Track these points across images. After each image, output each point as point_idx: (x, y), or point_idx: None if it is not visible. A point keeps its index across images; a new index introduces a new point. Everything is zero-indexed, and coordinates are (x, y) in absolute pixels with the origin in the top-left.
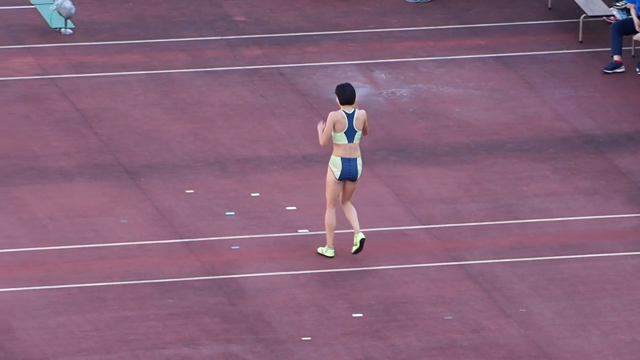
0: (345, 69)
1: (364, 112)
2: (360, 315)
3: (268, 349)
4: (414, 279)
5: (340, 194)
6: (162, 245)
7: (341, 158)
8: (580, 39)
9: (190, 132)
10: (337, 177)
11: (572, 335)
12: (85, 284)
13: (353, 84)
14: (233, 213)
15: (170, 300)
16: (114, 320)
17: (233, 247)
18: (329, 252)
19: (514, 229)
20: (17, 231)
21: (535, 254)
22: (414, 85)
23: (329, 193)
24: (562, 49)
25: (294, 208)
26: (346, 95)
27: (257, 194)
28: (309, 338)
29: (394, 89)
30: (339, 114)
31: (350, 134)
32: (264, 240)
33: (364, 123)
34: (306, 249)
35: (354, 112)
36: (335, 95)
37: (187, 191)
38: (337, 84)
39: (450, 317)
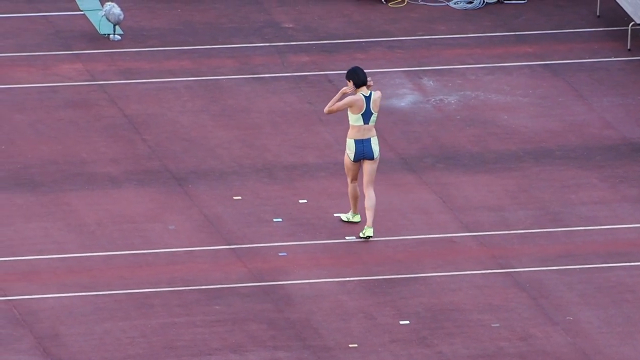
0: (393, 75)
1: (379, 93)
2: (407, 322)
3: (315, 356)
4: (461, 287)
5: (361, 176)
6: (209, 251)
7: (354, 140)
8: (628, 47)
9: (237, 138)
10: (352, 159)
11: (620, 343)
12: (132, 290)
13: (401, 91)
14: (280, 220)
15: (217, 307)
16: (161, 327)
17: (280, 254)
18: (356, 218)
19: (561, 236)
20: (65, 237)
21: (582, 261)
22: (462, 93)
23: (347, 173)
24: (610, 57)
25: (342, 214)
26: (360, 77)
27: (305, 201)
28: (356, 345)
29: (442, 96)
30: (358, 97)
31: (367, 115)
32: (311, 247)
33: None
34: (353, 256)
35: (370, 94)
36: (347, 80)
37: (235, 198)
38: (348, 69)
39: (497, 325)
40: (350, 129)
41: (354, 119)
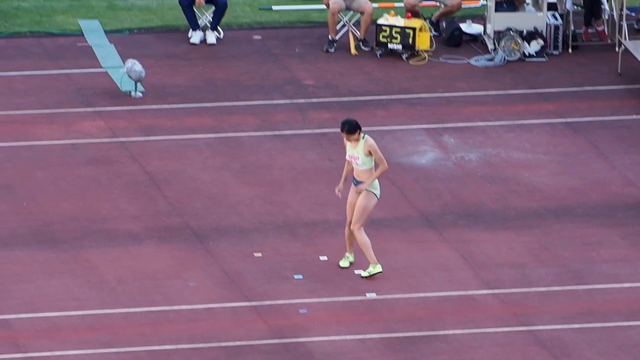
0: (414, 133)
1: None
2: None
3: None
4: (483, 344)
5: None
6: (230, 308)
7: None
8: None
9: (258, 195)
10: (379, 197)
11: None
12: (152, 347)
13: (422, 148)
14: (301, 276)
15: None
16: None
17: (301, 311)
18: (378, 268)
19: (582, 294)
20: (86, 293)
21: (604, 319)
22: (483, 150)
23: (367, 215)
24: (631, 115)
25: (362, 272)
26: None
27: (325, 258)
28: None
29: (462, 154)
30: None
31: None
32: (332, 304)
33: None
34: (374, 313)
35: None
36: (359, 130)
37: (255, 254)
38: (344, 121)
39: None
40: (371, 170)
41: (371, 161)
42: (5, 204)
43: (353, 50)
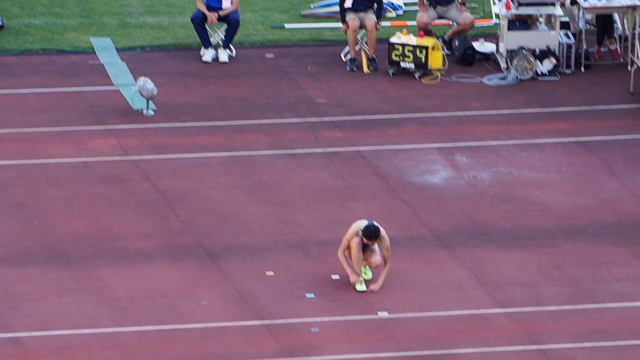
0: (426, 152)
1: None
2: None
3: None
4: None
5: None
6: (242, 327)
7: None
8: None
9: (270, 214)
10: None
11: None
12: None
13: (434, 167)
14: (313, 295)
15: None
16: None
17: (313, 330)
18: (366, 275)
19: (594, 313)
20: (98, 312)
21: (615, 339)
22: (495, 169)
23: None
24: None
25: (374, 290)
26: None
27: (337, 277)
28: None
29: (475, 173)
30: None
31: None
32: (344, 322)
33: None
34: (386, 332)
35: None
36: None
37: (268, 273)
38: (373, 231)
39: None
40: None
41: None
42: (18, 222)
43: (366, 69)
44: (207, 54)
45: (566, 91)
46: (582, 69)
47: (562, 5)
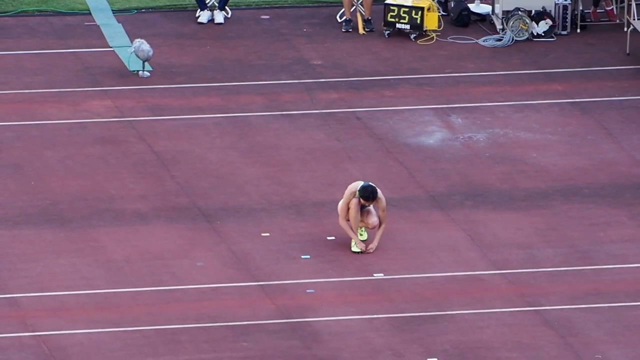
0: (421, 113)
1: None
2: (435, 359)
3: None
4: (490, 324)
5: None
6: (237, 288)
7: None
8: None
9: (266, 175)
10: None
11: None
12: (160, 326)
13: (430, 129)
14: (308, 256)
15: (244, 343)
16: None
17: (308, 291)
18: (362, 236)
19: (590, 274)
20: (94, 273)
21: (611, 300)
22: (491, 130)
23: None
24: None
25: (371, 250)
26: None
27: (333, 238)
28: None
29: (470, 134)
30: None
31: None
32: (339, 284)
33: None
34: (381, 293)
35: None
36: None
37: (263, 234)
38: (370, 192)
39: None
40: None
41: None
42: (14, 183)
43: (361, 30)
44: (203, 16)
45: (562, 52)
46: (578, 30)
47: None
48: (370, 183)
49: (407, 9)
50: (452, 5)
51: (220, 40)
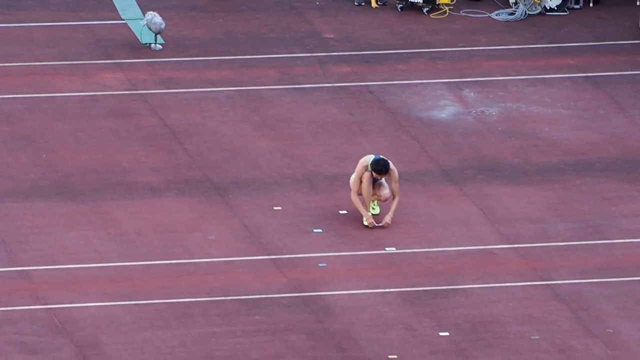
0: (434, 87)
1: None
2: (447, 334)
3: None
4: (501, 298)
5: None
6: (249, 261)
7: None
8: None
9: (278, 148)
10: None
11: None
12: (172, 299)
13: (442, 103)
14: (320, 230)
15: (256, 317)
16: (201, 336)
17: (320, 265)
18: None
19: (601, 249)
20: (106, 246)
21: (623, 274)
22: (503, 104)
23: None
24: None
25: (382, 225)
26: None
27: (345, 212)
28: (395, 356)
29: (483, 108)
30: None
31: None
32: (351, 257)
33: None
34: (393, 267)
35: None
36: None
37: (275, 208)
38: (382, 165)
39: (537, 337)
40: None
41: None
42: (26, 156)
43: (374, 4)
44: None
45: (575, 26)
46: (591, 4)
47: None
48: (382, 156)
49: None
50: None
51: (233, 13)
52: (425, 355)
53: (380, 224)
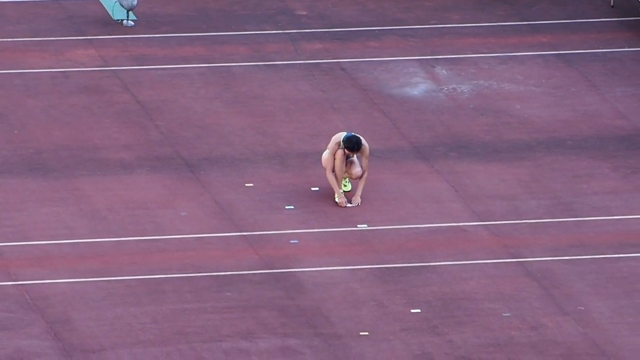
0: (406, 64)
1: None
2: (418, 310)
3: (326, 344)
4: (472, 276)
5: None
6: (221, 238)
7: None
8: None
9: (250, 125)
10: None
11: (631, 333)
12: (143, 276)
13: (414, 80)
14: (292, 207)
15: (228, 294)
16: (172, 313)
17: (292, 241)
18: (346, 187)
19: (572, 226)
20: (77, 222)
21: (594, 252)
22: (475, 82)
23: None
24: (624, 47)
25: (358, 203)
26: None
27: (317, 189)
28: (367, 333)
29: (454, 85)
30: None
31: None
32: (323, 234)
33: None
34: (365, 244)
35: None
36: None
37: (247, 185)
38: (354, 142)
39: (508, 314)
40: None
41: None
42: None
43: None
44: None
45: (546, 4)
46: None
47: None
48: (354, 133)
49: None
50: None
51: None
52: (396, 332)
53: (351, 204)
